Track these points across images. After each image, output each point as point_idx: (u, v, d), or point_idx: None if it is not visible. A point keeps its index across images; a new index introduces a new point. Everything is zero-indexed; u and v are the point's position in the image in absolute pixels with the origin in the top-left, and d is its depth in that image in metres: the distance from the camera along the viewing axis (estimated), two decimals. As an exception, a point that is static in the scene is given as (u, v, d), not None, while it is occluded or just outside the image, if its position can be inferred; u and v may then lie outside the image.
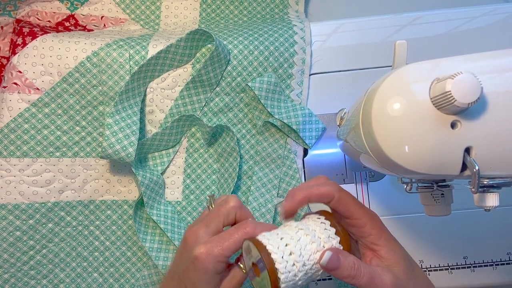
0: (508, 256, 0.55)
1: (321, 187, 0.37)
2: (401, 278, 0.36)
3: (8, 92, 0.54)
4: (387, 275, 0.36)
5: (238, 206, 0.40)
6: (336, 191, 0.37)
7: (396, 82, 0.33)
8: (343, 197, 0.37)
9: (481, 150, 0.32)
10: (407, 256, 0.38)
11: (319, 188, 0.37)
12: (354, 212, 0.37)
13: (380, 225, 0.38)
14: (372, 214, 0.38)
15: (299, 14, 0.62)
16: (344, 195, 0.37)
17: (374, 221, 0.37)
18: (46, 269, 0.55)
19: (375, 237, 0.37)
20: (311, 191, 0.37)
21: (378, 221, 0.38)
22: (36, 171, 0.54)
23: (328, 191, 0.37)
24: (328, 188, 0.37)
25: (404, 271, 0.37)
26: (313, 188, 0.37)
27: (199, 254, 0.37)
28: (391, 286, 0.35)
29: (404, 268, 0.37)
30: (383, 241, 0.37)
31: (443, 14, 0.58)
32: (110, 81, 0.54)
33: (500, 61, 0.33)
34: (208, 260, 0.37)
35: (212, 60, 0.53)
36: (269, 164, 0.57)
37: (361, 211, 0.37)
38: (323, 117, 0.58)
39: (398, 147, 0.33)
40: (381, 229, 0.37)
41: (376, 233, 0.37)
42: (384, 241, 0.37)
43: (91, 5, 0.61)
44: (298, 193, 0.37)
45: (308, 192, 0.37)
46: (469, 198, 0.38)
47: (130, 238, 0.56)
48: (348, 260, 0.35)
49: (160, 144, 0.56)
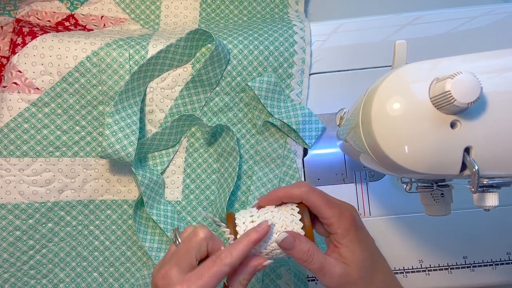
0: (508, 256, 0.55)
1: (292, 190, 0.41)
2: (353, 276, 0.40)
3: (8, 92, 0.54)
4: (339, 267, 0.40)
5: (210, 237, 0.37)
6: (305, 193, 0.41)
7: (396, 82, 0.33)
8: (311, 198, 0.41)
9: (480, 150, 0.32)
10: (369, 259, 0.41)
11: (289, 191, 0.41)
12: (321, 212, 0.41)
13: (348, 226, 0.41)
14: (342, 215, 0.41)
15: (299, 14, 0.62)
16: (313, 197, 0.41)
17: (341, 221, 0.40)
18: (46, 268, 0.55)
19: (339, 236, 0.41)
20: (283, 192, 0.41)
21: (347, 221, 0.41)
22: (36, 170, 0.54)
23: (297, 193, 0.41)
24: (297, 191, 0.41)
25: (358, 272, 0.40)
26: (284, 189, 0.42)
27: None
28: (339, 278, 0.39)
29: (359, 269, 0.40)
30: (345, 241, 0.40)
31: (443, 14, 0.58)
32: (110, 81, 0.54)
33: (500, 61, 0.33)
34: None
35: (212, 60, 0.53)
36: (269, 164, 0.57)
37: (329, 211, 0.40)
38: (323, 117, 0.58)
39: (398, 147, 0.33)
40: (347, 229, 0.40)
41: (341, 233, 0.40)
42: (346, 241, 0.40)
43: (91, 4, 0.61)
44: (272, 193, 0.42)
45: (280, 192, 0.42)
46: (469, 198, 0.38)
47: (129, 237, 0.56)
48: (303, 245, 0.39)
49: (160, 143, 0.56)
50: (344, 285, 0.40)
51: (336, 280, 0.40)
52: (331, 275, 0.39)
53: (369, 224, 0.55)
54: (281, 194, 0.42)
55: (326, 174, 0.57)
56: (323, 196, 0.42)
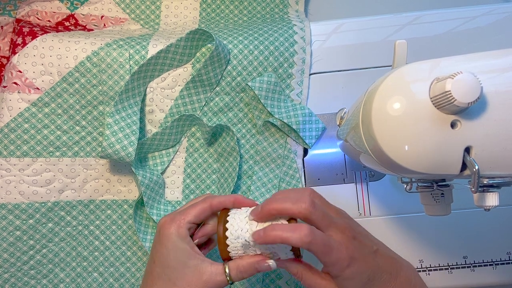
0: (508, 256, 0.55)
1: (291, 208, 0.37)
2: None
3: (8, 92, 0.54)
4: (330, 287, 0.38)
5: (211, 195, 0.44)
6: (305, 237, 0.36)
7: (396, 82, 0.34)
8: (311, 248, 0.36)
9: (481, 149, 0.32)
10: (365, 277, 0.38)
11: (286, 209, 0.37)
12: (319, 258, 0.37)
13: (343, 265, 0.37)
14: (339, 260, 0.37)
15: (299, 14, 0.62)
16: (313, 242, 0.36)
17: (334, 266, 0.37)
18: (46, 268, 0.55)
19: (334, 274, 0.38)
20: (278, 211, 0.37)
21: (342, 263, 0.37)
22: (36, 170, 0.54)
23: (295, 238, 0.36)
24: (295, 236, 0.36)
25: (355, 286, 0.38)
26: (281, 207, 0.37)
27: (163, 222, 0.41)
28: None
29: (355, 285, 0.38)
30: (339, 279, 0.38)
31: (443, 14, 0.58)
32: (110, 81, 0.54)
33: (500, 61, 0.33)
34: (170, 225, 0.40)
35: (212, 60, 0.53)
36: (269, 164, 0.57)
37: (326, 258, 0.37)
38: (323, 116, 0.58)
39: (398, 147, 0.33)
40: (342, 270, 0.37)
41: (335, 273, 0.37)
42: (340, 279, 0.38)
43: (91, 4, 0.61)
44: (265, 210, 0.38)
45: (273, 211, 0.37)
46: (469, 198, 0.38)
47: (130, 237, 0.56)
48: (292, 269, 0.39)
49: (160, 143, 0.56)
50: None
51: None
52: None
53: (369, 224, 0.55)
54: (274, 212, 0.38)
55: (326, 174, 0.57)
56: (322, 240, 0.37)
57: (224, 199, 0.42)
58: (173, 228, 0.40)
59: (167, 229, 0.40)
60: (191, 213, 0.41)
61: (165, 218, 0.42)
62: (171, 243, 0.40)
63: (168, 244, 0.40)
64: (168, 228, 0.40)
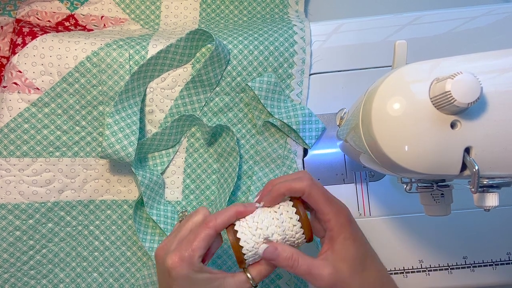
0: (508, 256, 0.55)
1: (294, 183, 0.41)
2: (344, 274, 0.40)
3: (8, 92, 0.54)
4: (327, 269, 0.40)
5: (207, 215, 0.42)
6: (307, 187, 0.41)
7: (396, 82, 0.33)
8: (313, 193, 0.41)
9: (481, 150, 0.32)
10: (361, 257, 0.41)
11: (291, 184, 0.41)
12: (320, 208, 0.41)
13: (344, 222, 0.41)
14: (339, 212, 0.41)
15: (299, 14, 0.62)
16: (315, 191, 0.41)
17: (338, 218, 0.41)
18: (46, 268, 0.55)
19: (334, 233, 0.41)
20: (286, 186, 0.41)
21: (344, 218, 0.41)
22: (36, 171, 0.54)
23: (300, 187, 0.41)
24: (300, 184, 0.41)
25: (349, 268, 0.40)
26: (287, 183, 0.41)
27: (172, 263, 0.39)
28: (328, 279, 0.40)
29: (349, 266, 0.40)
30: (340, 239, 0.41)
31: (443, 14, 0.58)
32: (110, 81, 0.54)
33: (500, 61, 0.33)
34: (182, 266, 0.38)
35: (212, 60, 0.53)
36: (269, 164, 0.57)
37: (328, 208, 0.41)
38: (323, 117, 0.58)
39: (398, 147, 0.33)
40: (343, 227, 0.41)
41: (337, 230, 0.41)
42: (341, 239, 0.41)
43: (91, 5, 0.61)
44: (275, 190, 0.42)
45: (283, 188, 0.41)
46: (469, 198, 0.38)
47: (130, 238, 0.56)
48: (285, 252, 0.40)
49: (160, 144, 0.56)
50: (336, 284, 0.40)
51: (327, 280, 0.40)
52: (321, 276, 0.40)
53: (369, 224, 0.55)
54: (283, 190, 0.42)
55: (326, 174, 0.57)
56: (323, 192, 0.42)
57: (227, 219, 0.41)
58: (187, 268, 0.39)
59: (180, 270, 0.38)
60: (201, 247, 0.39)
61: (172, 258, 0.39)
62: (189, 281, 0.39)
63: (185, 283, 0.39)
64: (181, 269, 0.39)
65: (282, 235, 0.41)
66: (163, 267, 0.40)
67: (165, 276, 0.40)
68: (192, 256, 0.39)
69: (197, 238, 0.39)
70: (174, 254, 0.39)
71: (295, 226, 0.42)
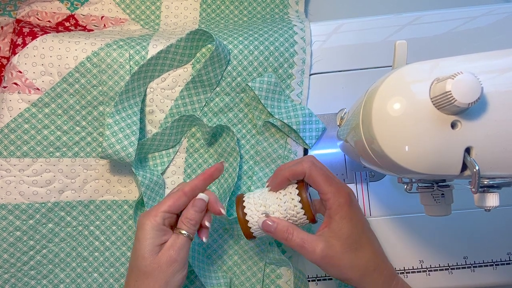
0: (508, 256, 0.55)
1: (296, 167, 0.45)
2: (336, 250, 0.43)
3: (8, 92, 0.54)
4: (320, 244, 0.43)
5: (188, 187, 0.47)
6: (308, 169, 0.44)
7: (396, 82, 0.33)
8: (313, 174, 0.44)
9: (481, 150, 0.32)
10: (355, 236, 0.44)
11: (293, 168, 0.45)
12: (320, 188, 0.44)
13: (342, 202, 0.44)
14: (339, 192, 0.44)
15: (299, 14, 0.62)
16: (314, 172, 0.44)
17: (336, 198, 0.44)
18: (46, 269, 0.55)
19: (332, 211, 0.44)
20: (289, 171, 0.45)
21: (342, 198, 0.44)
22: (36, 171, 0.54)
23: (301, 169, 0.44)
24: (300, 167, 0.45)
25: (341, 246, 0.43)
26: (289, 169, 0.45)
27: (140, 217, 0.45)
28: (320, 253, 0.43)
29: (342, 243, 0.43)
30: (337, 217, 0.44)
31: (443, 14, 0.58)
32: (110, 81, 0.54)
33: (500, 61, 0.33)
34: (145, 218, 0.44)
35: (212, 60, 0.53)
36: (269, 164, 0.57)
37: (327, 187, 0.44)
38: (323, 117, 0.58)
39: (398, 147, 0.33)
40: (341, 206, 0.44)
41: (335, 208, 0.44)
42: (338, 217, 0.44)
43: (91, 5, 0.61)
44: (280, 175, 0.46)
45: (287, 172, 0.45)
46: (469, 198, 0.38)
47: (130, 238, 0.56)
48: (281, 225, 0.45)
49: (160, 144, 0.56)
50: (327, 259, 0.43)
51: (318, 254, 0.43)
52: (313, 250, 0.43)
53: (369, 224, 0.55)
54: (287, 174, 0.45)
55: (326, 174, 0.57)
56: (323, 173, 0.45)
57: (194, 183, 0.46)
58: (148, 220, 0.44)
59: (143, 220, 0.44)
60: (166, 203, 0.45)
61: (143, 213, 0.45)
62: (146, 233, 0.44)
63: (142, 233, 0.44)
64: (144, 219, 0.44)
65: (283, 214, 0.46)
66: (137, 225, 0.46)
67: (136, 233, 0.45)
68: (156, 210, 0.44)
69: (165, 198, 0.46)
70: (145, 211, 0.46)
71: (296, 206, 0.45)
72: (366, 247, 0.44)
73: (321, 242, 0.43)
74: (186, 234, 0.45)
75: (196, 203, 0.46)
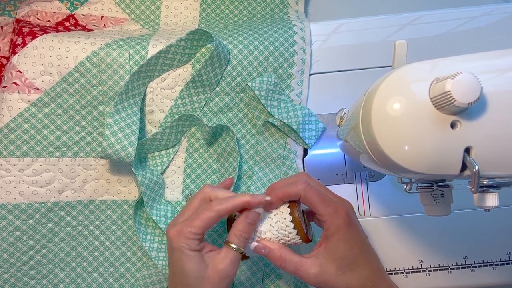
0: (508, 256, 0.55)
1: (290, 188, 0.43)
2: (330, 273, 0.43)
3: (8, 92, 0.54)
4: (314, 269, 0.42)
5: (211, 189, 0.45)
6: (302, 191, 0.43)
7: (396, 82, 0.33)
8: (308, 197, 0.43)
9: (481, 150, 0.32)
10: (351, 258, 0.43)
11: (287, 190, 0.44)
12: (316, 210, 0.43)
13: (340, 224, 0.43)
14: (336, 213, 0.43)
15: (299, 14, 0.62)
16: (309, 194, 0.43)
17: (334, 219, 0.43)
18: (46, 269, 0.55)
19: (329, 233, 0.43)
20: (283, 192, 0.44)
21: (340, 220, 0.43)
22: (36, 171, 0.54)
23: (295, 191, 0.43)
24: (295, 189, 0.43)
25: (336, 268, 0.43)
26: (284, 188, 0.44)
27: (172, 235, 0.42)
28: (314, 279, 0.42)
29: (337, 266, 0.43)
30: (334, 239, 0.43)
31: (443, 14, 0.58)
32: (110, 81, 0.54)
33: (500, 61, 0.33)
34: (179, 239, 0.41)
35: (212, 60, 0.53)
36: (269, 164, 0.57)
37: (323, 209, 0.43)
38: (323, 117, 0.58)
39: (398, 147, 0.33)
40: (338, 228, 0.43)
41: (332, 230, 0.43)
42: (334, 239, 0.43)
43: (91, 5, 0.61)
44: (273, 196, 0.44)
45: (280, 193, 0.44)
46: (469, 198, 0.38)
47: (130, 238, 0.56)
48: (274, 252, 0.43)
49: (160, 144, 0.56)
50: (322, 284, 0.43)
51: (313, 279, 0.43)
52: (307, 275, 0.43)
53: (369, 224, 0.55)
54: (281, 195, 0.44)
55: (326, 174, 0.57)
56: (319, 194, 0.43)
57: (231, 207, 0.42)
58: (183, 241, 0.42)
59: (177, 241, 0.42)
60: (200, 226, 0.42)
61: (172, 231, 0.42)
62: (184, 255, 0.42)
63: (181, 256, 0.42)
64: (178, 240, 0.42)
65: (275, 234, 0.44)
66: (167, 237, 0.43)
67: (168, 245, 0.43)
68: (189, 232, 0.41)
69: (198, 217, 0.42)
70: (175, 227, 0.42)
71: (288, 227, 0.44)
72: (363, 267, 0.44)
73: (315, 267, 0.43)
74: (236, 248, 0.42)
75: (250, 216, 0.43)
